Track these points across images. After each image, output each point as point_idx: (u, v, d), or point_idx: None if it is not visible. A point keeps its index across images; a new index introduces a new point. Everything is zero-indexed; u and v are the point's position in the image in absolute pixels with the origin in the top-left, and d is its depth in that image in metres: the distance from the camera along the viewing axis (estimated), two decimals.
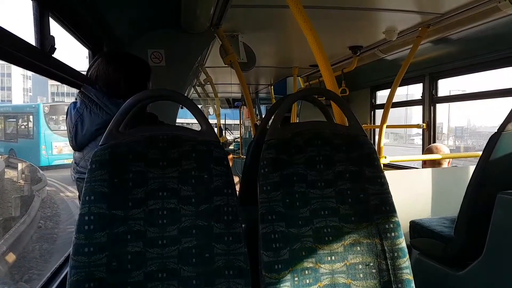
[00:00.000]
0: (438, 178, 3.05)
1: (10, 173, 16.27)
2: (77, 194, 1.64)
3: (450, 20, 2.89)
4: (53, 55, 1.56)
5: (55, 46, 1.55)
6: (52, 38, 1.55)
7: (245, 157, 3.14)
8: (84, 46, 2.33)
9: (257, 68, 4.74)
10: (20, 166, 16.09)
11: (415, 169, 3.84)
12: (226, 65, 3.32)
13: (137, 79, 1.74)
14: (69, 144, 1.68)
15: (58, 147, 19.09)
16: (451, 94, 4.10)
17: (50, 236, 9.87)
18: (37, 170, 15.65)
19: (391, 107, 3.62)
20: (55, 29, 1.68)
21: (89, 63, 1.89)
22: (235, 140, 10.75)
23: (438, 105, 4.17)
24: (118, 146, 1.27)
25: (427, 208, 2.98)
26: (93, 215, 1.21)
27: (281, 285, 1.30)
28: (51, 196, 13.93)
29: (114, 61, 1.71)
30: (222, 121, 9.51)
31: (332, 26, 3.21)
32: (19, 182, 15.17)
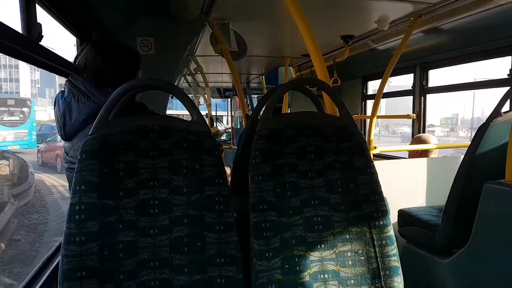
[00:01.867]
0: (427, 168, 3.08)
1: None
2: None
3: (442, 10, 2.89)
4: (40, 43, 1.53)
5: (42, 34, 1.53)
6: (39, 25, 1.52)
7: (236, 147, 3.14)
8: (72, 33, 2.29)
9: (249, 58, 4.72)
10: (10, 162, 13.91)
11: (404, 159, 3.87)
12: (217, 54, 3.29)
13: (126, 68, 1.72)
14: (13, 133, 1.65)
15: (2, 135, 19.56)
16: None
17: (29, 254, 7.68)
18: (28, 168, 14.00)
19: (382, 98, 3.63)
20: (42, 16, 1.65)
21: (77, 51, 1.86)
22: (226, 130, 10.72)
23: (452, 96, 4.17)
24: (108, 135, 1.26)
25: (415, 197, 3.01)
26: (84, 205, 1.20)
27: (272, 272, 1.32)
28: (42, 197, 11.84)
29: (102, 49, 1.69)
30: (213, 112, 9.48)
31: (324, 15, 3.19)
32: None
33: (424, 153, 3.41)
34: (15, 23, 1.48)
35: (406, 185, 3.00)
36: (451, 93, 3.89)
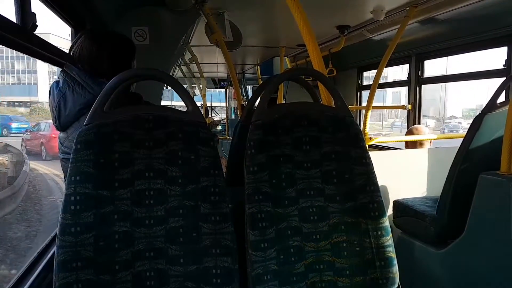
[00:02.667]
0: (422, 159, 3.10)
1: None
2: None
3: (438, 0, 2.88)
4: (34, 33, 1.51)
5: (37, 24, 1.51)
6: (34, 15, 1.50)
7: (231, 138, 3.13)
8: (66, 23, 2.26)
9: (244, 48, 4.69)
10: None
11: (399, 150, 3.88)
12: (212, 44, 3.27)
13: (121, 58, 1.70)
14: None
15: None
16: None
17: None
18: (22, 165, 12.27)
19: (378, 88, 3.63)
20: (36, 5, 1.62)
21: (72, 41, 1.84)
22: (222, 121, 10.70)
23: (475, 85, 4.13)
24: (103, 126, 1.25)
25: (410, 188, 3.03)
26: (79, 195, 1.20)
27: (267, 263, 1.32)
28: (39, 199, 10.07)
29: (97, 39, 1.67)
30: (208, 103, 9.44)
31: (320, 5, 3.17)
32: None
33: (419, 144, 3.42)
34: (10, 13, 1.46)
35: (402, 175, 3.01)
36: (474, 81, 3.84)
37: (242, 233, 1.35)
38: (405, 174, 3.04)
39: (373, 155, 1.53)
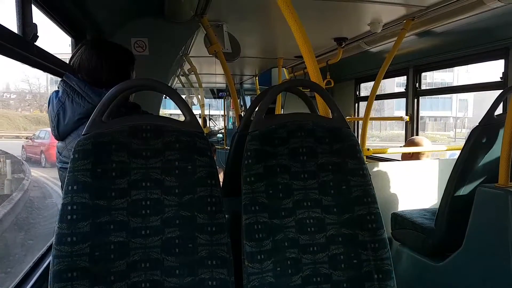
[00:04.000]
0: (420, 171, 3.10)
1: None
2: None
3: (435, 13, 2.91)
4: (35, 43, 1.53)
5: (38, 34, 1.52)
6: (35, 25, 1.52)
7: (229, 148, 3.14)
8: (67, 33, 2.28)
9: (242, 59, 4.71)
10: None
11: (398, 161, 3.89)
12: (211, 55, 3.29)
13: (121, 68, 1.71)
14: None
15: None
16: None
17: None
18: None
19: (375, 100, 3.65)
20: (38, 16, 1.64)
21: (72, 51, 1.86)
22: (220, 131, 10.70)
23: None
24: (101, 135, 1.25)
25: (409, 199, 3.03)
26: (76, 205, 1.19)
27: (264, 275, 1.31)
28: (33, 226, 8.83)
29: (97, 49, 1.68)
30: (206, 112, 9.46)
31: (317, 17, 3.20)
32: None
33: (416, 156, 3.43)
34: (11, 23, 1.48)
35: (399, 187, 3.01)
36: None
37: (239, 243, 1.35)
38: (403, 186, 3.04)
39: (371, 167, 1.53)
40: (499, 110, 2.24)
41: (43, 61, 1.61)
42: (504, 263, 1.85)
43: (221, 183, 1.39)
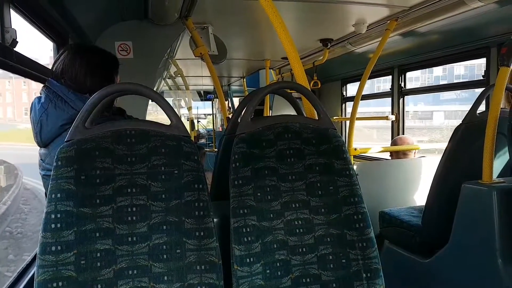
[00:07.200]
0: (406, 169, 3.13)
1: None
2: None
3: (418, 13, 2.95)
4: (14, 49, 1.50)
5: (17, 40, 1.50)
6: (14, 31, 1.49)
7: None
8: (48, 38, 2.25)
9: (229, 61, 4.71)
10: None
11: (385, 160, 3.91)
12: (197, 57, 3.28)
13: (104, 73, 1.69)
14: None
15: None
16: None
17: None
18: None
19: (361, 100, 3.68)
20: (17, 21, 1.61)
21: (54, 56, 1.83)
22: (209, 133, 10.66)
23: None
24: (84, 142, 1.24)
25: (396, 198, 3.05)
26: (60, 213, 1.17)
27: (253, 278, 1.31)
28: None
29: (80, 54, 1.66)
30: (194, 113, 9.43)
31: (302, 19, 3.21)
32: None
33: (403, 155, 3.46)
34: None
35: (387, 186, 3.04)
36: None
37: (228, 248, 1.34)
38: (390, 184, 3.06)
39: (359, 166, 1.54)
40: (481, 108, 2.27)
41: (23, 66, 1.58)
42: (490, 258, 1.87)
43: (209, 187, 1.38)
